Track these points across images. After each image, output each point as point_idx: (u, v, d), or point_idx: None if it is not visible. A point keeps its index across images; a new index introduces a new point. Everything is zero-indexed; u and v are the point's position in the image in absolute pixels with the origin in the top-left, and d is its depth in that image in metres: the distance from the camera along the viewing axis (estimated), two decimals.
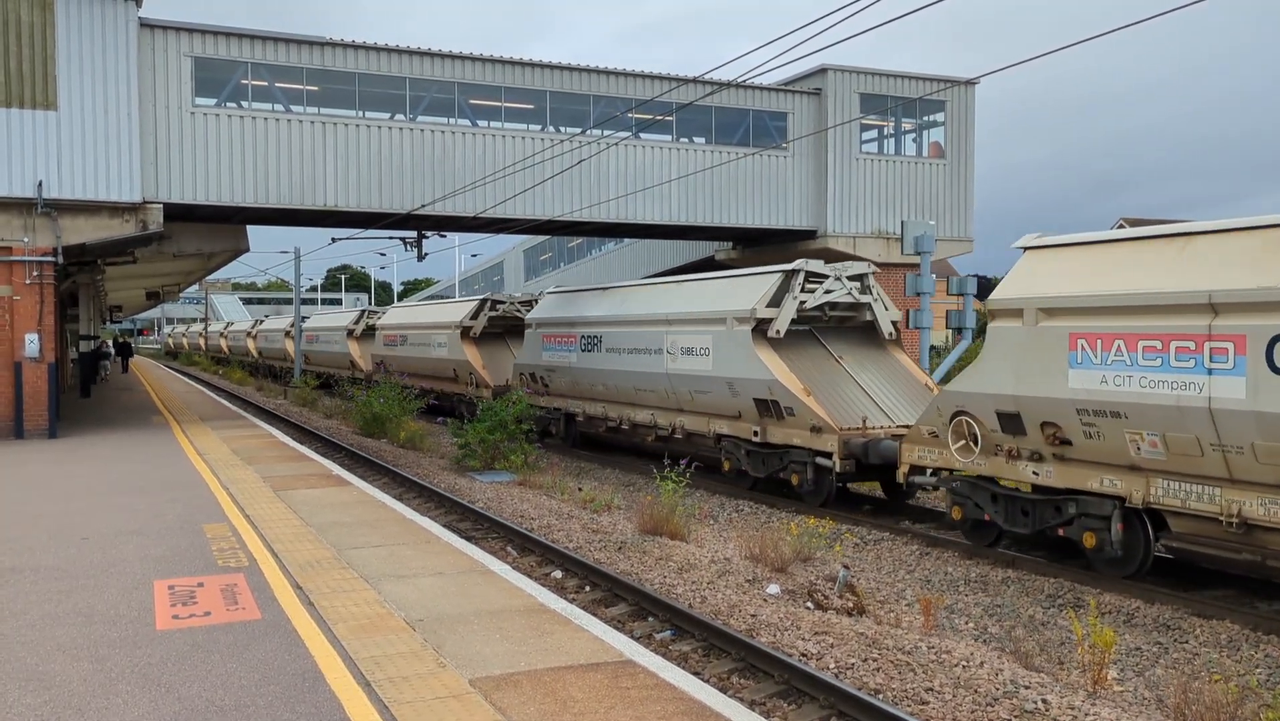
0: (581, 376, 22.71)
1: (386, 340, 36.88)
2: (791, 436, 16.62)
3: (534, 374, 24.59)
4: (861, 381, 17.59)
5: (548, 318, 24.56)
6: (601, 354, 21.75)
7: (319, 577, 8.65)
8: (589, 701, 5.74)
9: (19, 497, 13.03)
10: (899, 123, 29.26)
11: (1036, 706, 7.53)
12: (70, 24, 20.11)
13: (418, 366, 32.97)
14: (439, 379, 31.55)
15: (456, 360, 29.73)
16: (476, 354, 28.85)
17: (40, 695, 5.92)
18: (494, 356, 29.08)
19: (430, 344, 32.12)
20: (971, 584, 12.16)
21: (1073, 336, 11.40)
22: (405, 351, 34.47)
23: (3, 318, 20.26)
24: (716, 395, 18.19)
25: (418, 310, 36.71)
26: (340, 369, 43.96)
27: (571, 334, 23.09)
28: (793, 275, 17.57)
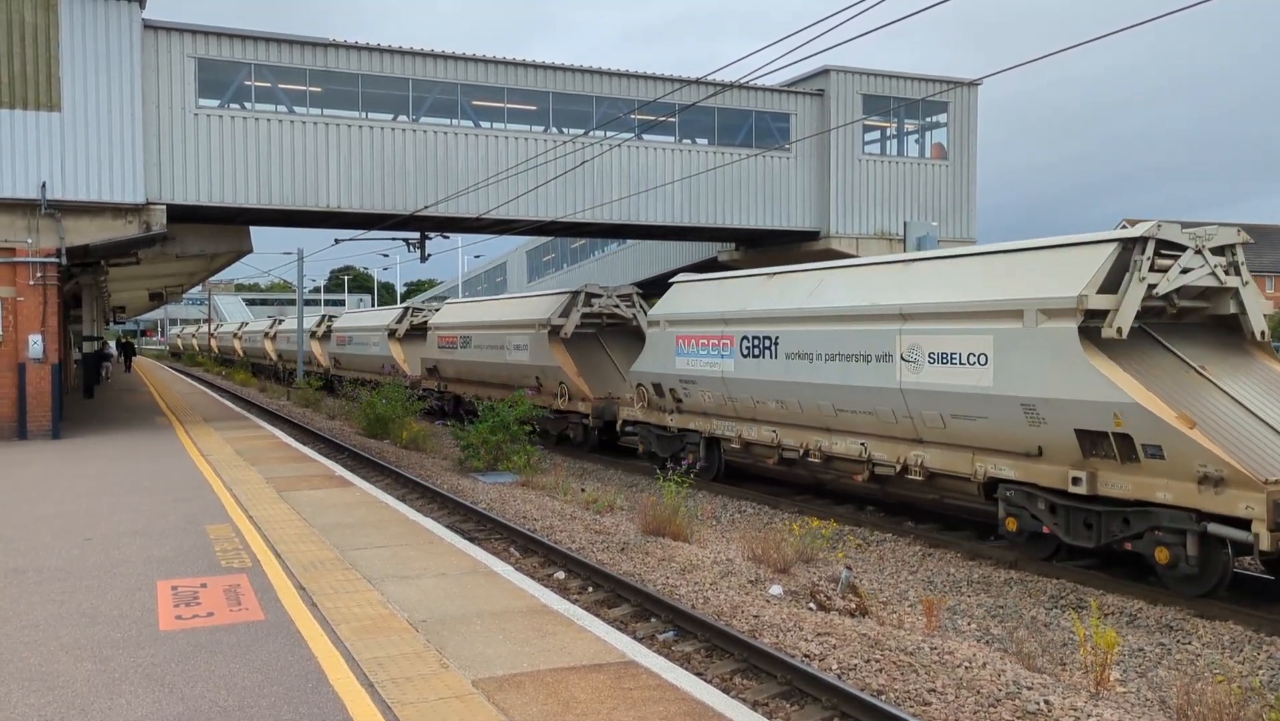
0: (741, 390, 17.30)
1: (442, 341, 31.55)
2: (1154, 490, 10.88)
3: (660, 385, 19.63)
4: (1248, 403, 11.64)
5: (687, 314, 19.00)
6: (777, 360, 16.38)
7: (322, 578, 8.67)
8: (591, 702, 5.75)
9: (22, 498, 13.05)
10: (902, 124, 29.25)
11: (1039, 707, 7.53)
12: (74, 25, 20.15)
13: (486, 373, 28.12)
14: (510, 388, 25.30)
15: (543, 365, 24.71)
16: (569, 359, 23.91)
17: (44, 695, 5.93)
18: (589, 361, 24.26)
19: (505, 346, 26.83)
20: (974, 585, 12.15)
21: None
22: (468, 356, 29.24)
23: (6, 318, 20.30)
24: (997, 421, 12.44)
25: (483, 307, 30.33)
26: (378, 374, 37.95)
27: (725, 334, 17.79)
28: (1137, 244, 11.64)
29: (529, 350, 25.18)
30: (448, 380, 31.69)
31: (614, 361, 24.25)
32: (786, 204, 27.36)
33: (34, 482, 14.49)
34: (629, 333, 24.83)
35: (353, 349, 42.27)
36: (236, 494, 13.25)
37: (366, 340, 40.45)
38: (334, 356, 45.34)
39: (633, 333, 24.55)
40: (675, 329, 19.25)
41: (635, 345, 23.34)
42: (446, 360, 31.21)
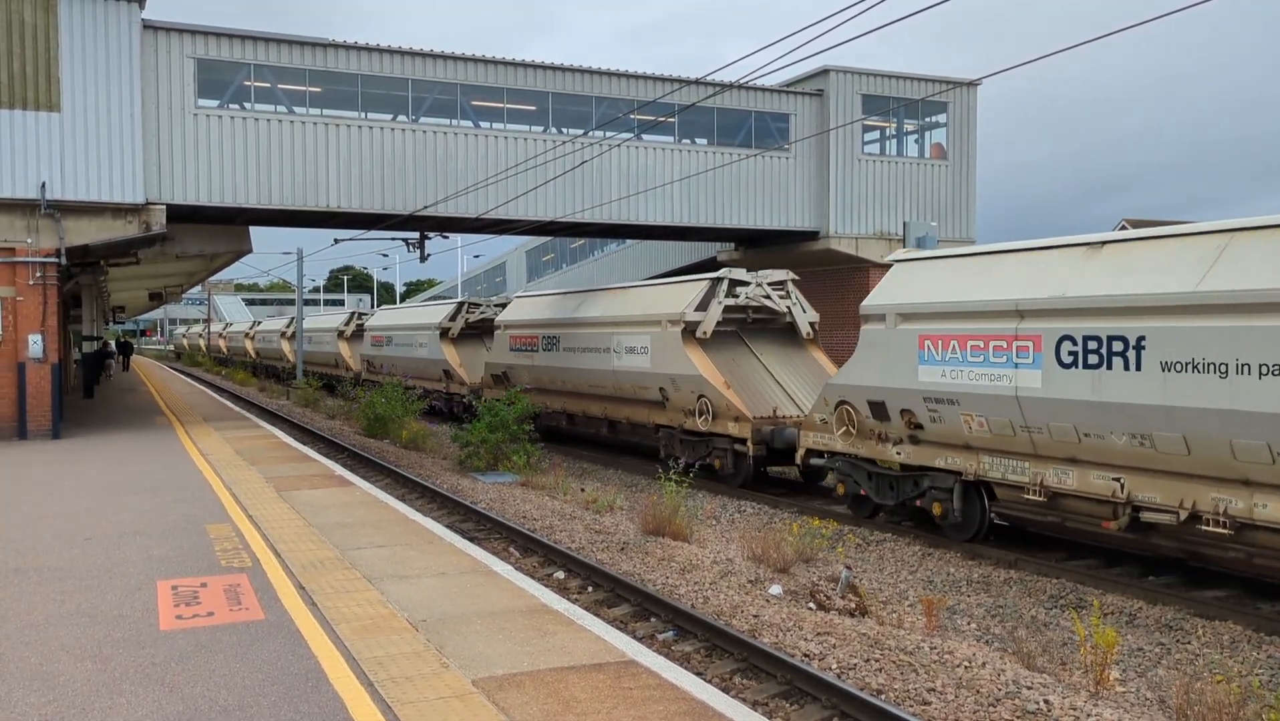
0: (1055, 415, 11.92)
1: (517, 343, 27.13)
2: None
3: (883, 405, 14.32)
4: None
5: (941, 304, 13.48)
6: (1140, 373, 10.94)
7: (322, 578, 8.67)
8: (591, 701, 5.75)
9: (23, 498, 13.06)
10: (901, 124, 29.26)
11: (1039, 707, 7.54)
12: (73, 25, 20.15)
13: (583, 383, 24.37)
14: (622, 401, 22.81)
15: (674, 374, 20.84)
16: (711, 365, 19.61)
17: (44, 695, 5.94)
18: (736, 369, 19.91)
19: (615, 349, 22.98)
20: (974, 584, 12.16)
21: None
22: (556, 361, 25.32)
23: (6, 318, 20.30)
24: None
25: (577, 300, 25.56)
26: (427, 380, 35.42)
27: (1021, 334, 12.27)
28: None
29: (652, 354, 20.34)
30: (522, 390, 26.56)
31: (768, 368, 19.89)
32: (786, 204, 27.36)
33: (34, 482, 14.50)
34: (780, 331, 20.52)
35: (393, 351, 36.44)
36: (236, 493, 13.26)
37: (411, 341, 34.64)
38: (368, 359, 39.54)
39: (784, 330, 20.47)
40: (917, 325, 13.76)
41: (790, 346, 20.30)
42: (523, 365, 25.81)
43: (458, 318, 32.13)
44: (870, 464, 15.00)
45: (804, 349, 20.41)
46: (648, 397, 20.80)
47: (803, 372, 19.87)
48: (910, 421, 13.92)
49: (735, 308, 19.87)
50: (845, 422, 15.23)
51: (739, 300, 19.82)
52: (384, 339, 38.06)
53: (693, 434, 19.58)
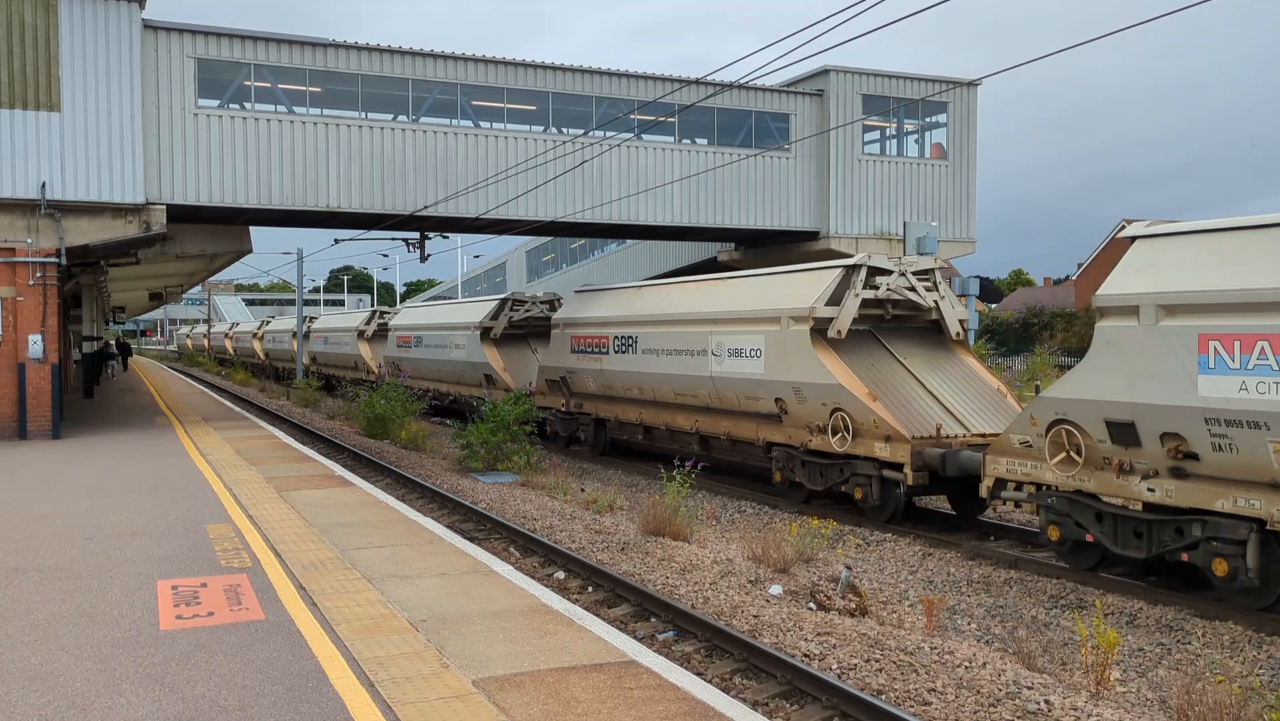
0: None
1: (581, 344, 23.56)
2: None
3: (1133, 426, 11.04)
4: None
5: (1234, 292, 10.07)
6: None
7: (322, 578, 8.67)
8: (592, 702, 5.75)
9: (23, 498, 13.05)
10: (901, 124, 29.26)
11: (1039, 707, 7.53)
12: (73, 25, 20.15)
13: (666, 389, 20.38)
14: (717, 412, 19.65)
15: (798, 382, 17.58)
16: (849, 372, 16.14)
17: (44, 695, 5.93)
18: (878, 375, 16.55)
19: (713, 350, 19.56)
20: (974, 585, 12.15)
21: None
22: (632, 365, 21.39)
23: (6, 319, 20.30)
24: None
25: (660, 294, 21.81)
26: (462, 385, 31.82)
27: None
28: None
29: (767, 358, 16.87)
30: (585, 397, 23.09)
31: (916, 376, 16.26)
32: (786, 204, 27.36)
33: (34, 482, 14.49)
34: (922, 330, 17.10)
35: (423, 353, 33.26)
36: (236, 494, 13.25)
37: (445, 342, 31.16)
38: (393, 362, 36.12)
39: (928, 330, 17.09)
40: (1195, 321, 10.36)
41: (937, 349, 16.85)
42: (588, 370, 22.61)
43: (501, 316, 28.39)
44: (1099, 501, 11.58)
45: (953, 352, 16.93)
46: (758, 410, 17.18)
47: (958, 382, 16.30)
48: (1177, 450, 10.51)
49: (872, 302, 16.34)
50: (1064, 448, 11.83)
51: (878, 293, 16.20)
52: (411, 339, 34.39)
53: (821, 455, 16.01)
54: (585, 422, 23.20)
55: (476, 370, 28.73)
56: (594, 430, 23.07)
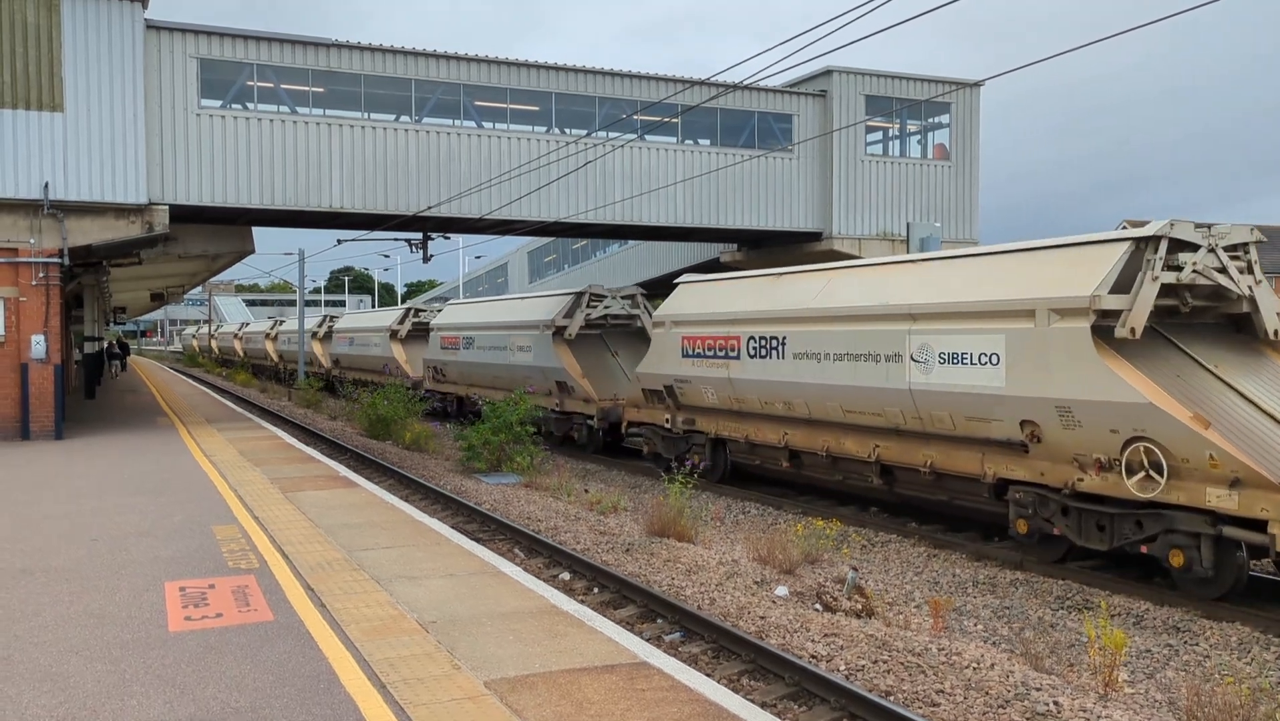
0: None
1: (699, 345, 19.02)
2: None
3: None
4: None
5: None
6: None
7: (330, 579, 8.66)
8: (605, 703, 5.74)
9: (27, 499, 13.04)
10: (904, 124, 29.27)
11: (1048, 708, 7.53)
12: (76, 25, 20.15)
13: (835, 404, 15.45)
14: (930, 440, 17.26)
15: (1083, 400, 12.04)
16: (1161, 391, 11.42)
17: (56, 696, 5.93)
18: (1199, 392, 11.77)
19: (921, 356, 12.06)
20: (980, 585, 12.15)
21: None
22: (785, 374, 16.66)
23: (9, 319, 20.29)
24: None
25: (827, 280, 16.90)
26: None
27: None
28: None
29: (1013, 364, 12.41)
30: (699, 411, 18.85)
31: (1238, 389, 11.51)
32: (789, 205, 27.36)
33: (38, 483, 14.48)
34: (1222, 326, 12.63)
35: (476, 356, 28.85)
36: (241, 495, 13.25)
37: (504, 343, 27.05)
38: (436, 366, 32.15)
39: (1224, 325, 12.64)
40: None
41: (1245, 350, 12.24)
42: (707, 378, 18.17)
43: (576, 313, 24.38)
44: None
45: (1268, 357, 12.30)
46: (988, 436, 12.89)
47: None
48: None
49: (1171, 288, 11.63)
50: None
51: (1182, 275, 11.52)
52: (459, 340, 30.22)
53: (1102, 501, 11.69)
54: (699, 443, 19.05)
55: (546, 376, 24.76)
56: (711, 452, 18.87)
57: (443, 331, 32.19)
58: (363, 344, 40.80)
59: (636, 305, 24.97)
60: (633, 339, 24.95)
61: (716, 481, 18.70)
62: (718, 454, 18.86)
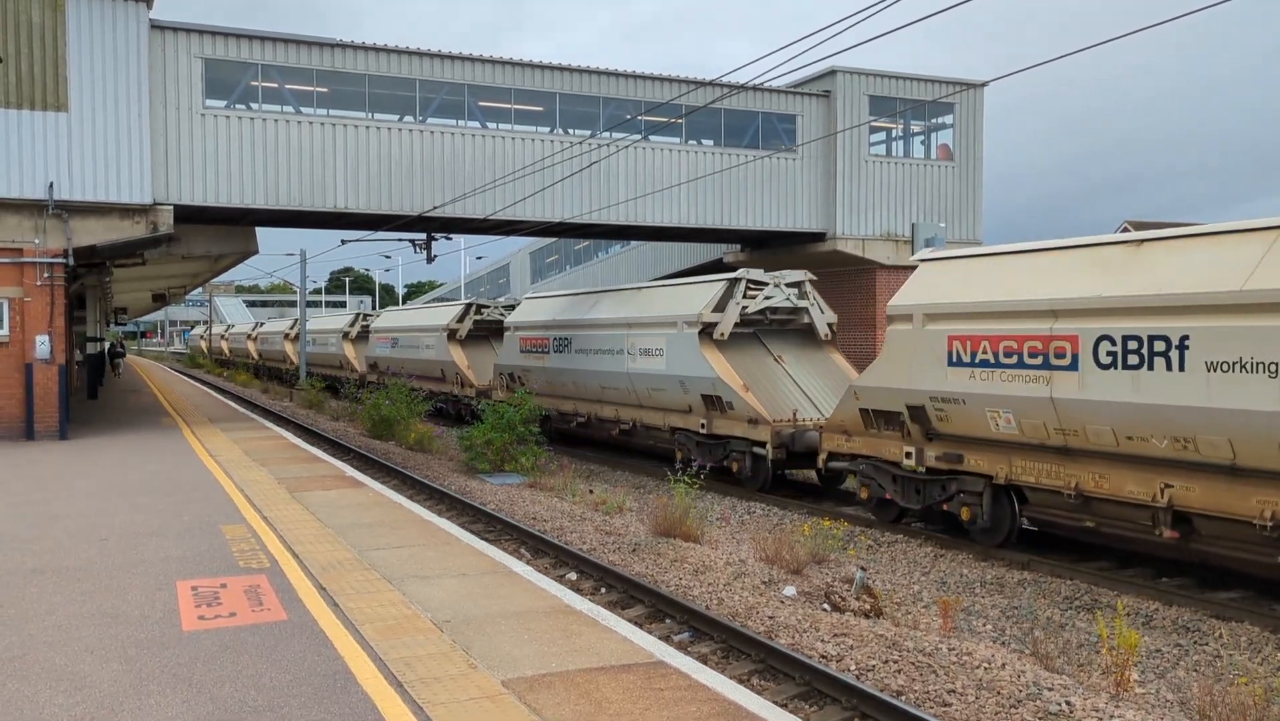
0: None
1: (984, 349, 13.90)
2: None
3: None
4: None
5: None
6: None
7: (342, 578, 8.66)
8: (624, 702, 5.74)
9: (36, 499, 13.05)
10: (908, 125, 29.28)
11: (1061, 708, 7.53)
12: (81, 25, 20.15)
13: None
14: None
15: None
16: None
17: (72, 695, 5.93)
18: None
19: None
20: (988, 585, 12.16)
21: None
22: None
23: (14, 319, 20.29)
24: None
25: None
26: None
27: None
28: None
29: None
30: (978, 444, 13.45)
31: None
32: (793, 205, 27.38)
33: (45, 483, 14.48)
34: None
35: (570, 362, 23.82)
36: (249, 494, 13.25)
37: (616, 345, 21.94)
38: (511, 373, 26.76)
39: None
40: None
41: None
42: (1011, 399, 12.68)
43: (729, 305, 19.19)
44: None
45: None
46: None
47: None
48: None
49: None
50: None
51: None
52: (546, 342, 24.96)
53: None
54: (970, 490, 13.76)
55: (686, 389, 20.28)
56: (991, 504, 13.49)
57: (522, 332, 26.82)
58: (408, 346, 34.86)
59: (804, 295, 19.84)
60: (799, 339, 20.11)
61: (996, 546, 13.37)
62: (1000, 507, 13.33)
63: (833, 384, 18.92)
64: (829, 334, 19.99)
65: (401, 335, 35.96)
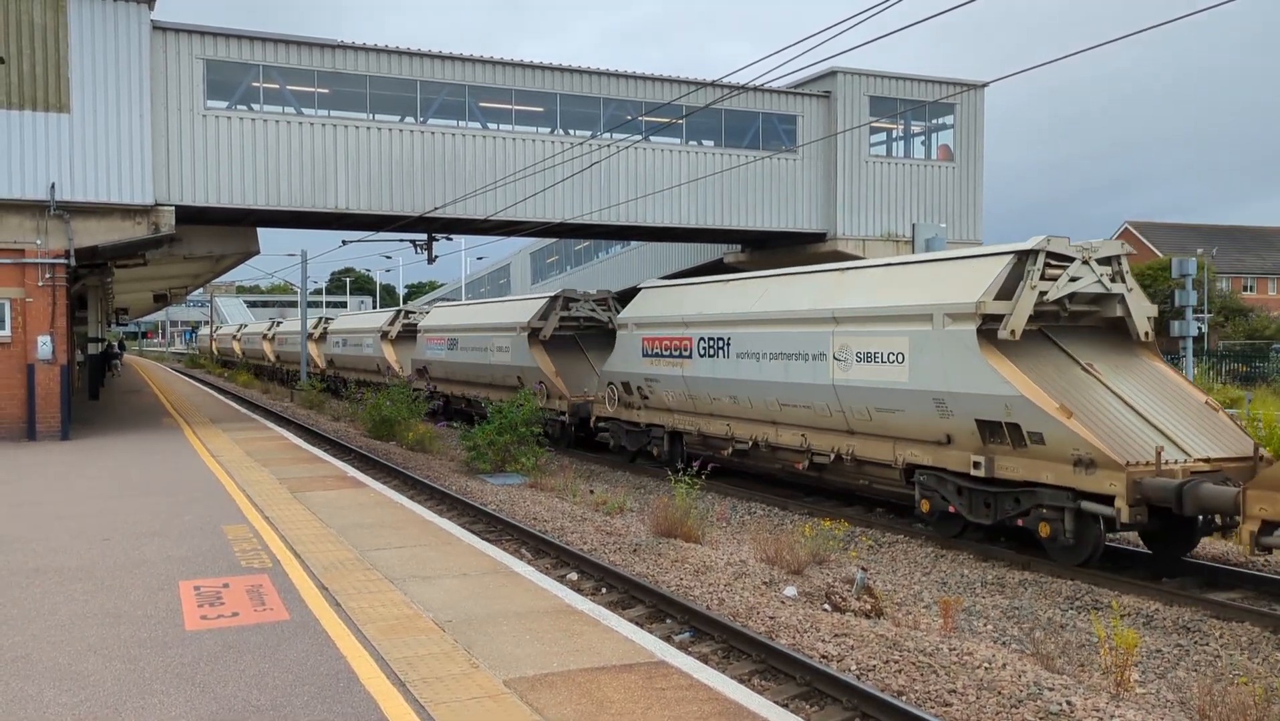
0: None
1: None
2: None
3: None
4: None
5: None
6: None
7: (344, 578, 8.68)
8: (625, 702, 5.76)
9: (37, 499, 13.07)
10: (908, 125, 29.30)
11: (1061, 708, 7.55)
12: (83, 26, 20.18)
13: None
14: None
15: None
16: None
17: (76, 694, 5.95)
18: None
19: None
20: (988, 586, 12.16)
21: None
22: None
23: (15, 320, 20.32)
24: None
25: None
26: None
27: None
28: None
29: None
30: None
31: None
32: (793, 205, 27.40)
33: (47, 483, 14.51)
34: None
35: (719, 369, 18.42)
36: (250, 495, 13.27)
37: (826, 345, 15.88)
38: (633, 383, 21.07)
39: None
40: None
41: None
42: None
43: (1021, 289, 13.07)
44: None
45: None
46: None
47: None
48: None
49: None
50: None
51: None
52: (687, 343, 19.37)
53: None
54: None
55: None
56: None
57: (646, 330, 20.89)
58: (471, 348, 30.73)
59: (1119, 276, 13.68)
60: (1108, 339, 14.04)
61: None
62: None
63: (1177, 406, 12.99)
64: (1149, 332, 13.85)
65: (462, 335, 29.80)
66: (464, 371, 21.91)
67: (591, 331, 25.37)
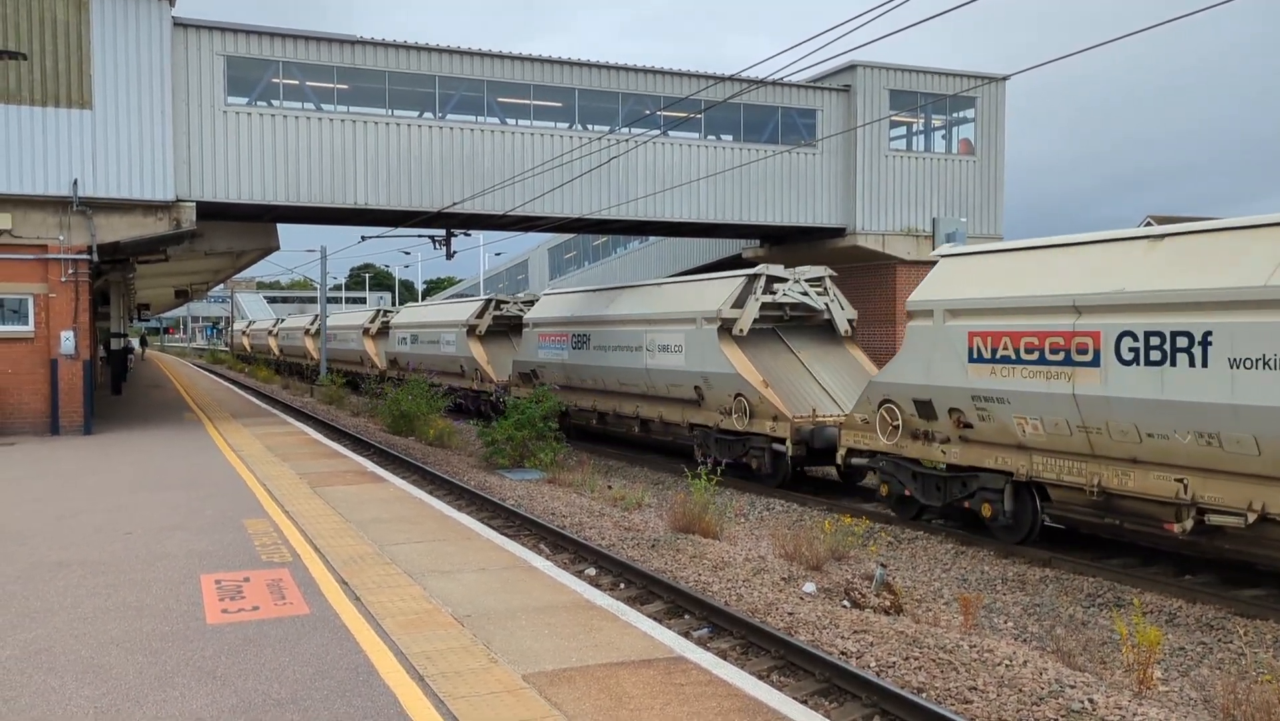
0: None
1: None
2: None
3: None
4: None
5: None
6: None
7: (363, 573, 8.71)
8: (644, 697, 5.76)
9: (60, 494, 13.18)
10: (929, 119, 29.12)
11: (1083, 706, 7.49)
12: (105, 23, 20.30)
13: None
14: None
15: None
16: None
17: (98, 687, 5.99)
18: None
19: None
20: (1009, 583, 12.10)
21: None
22: None
23: (39, 315, 20.48)
24: None
25: None
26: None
27: None
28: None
29: None
30: None
31: None
32: (812, 200, 27.28)
33: (70, 478, 14.63)
34: None
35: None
36: (271, 489, 13.34)
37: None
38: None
39: None
40: None
41: None
42: None
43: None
44: None
45: None
46: None
47: None
48: None
49: None
50: None
51: None
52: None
53: None
54: None
55: None
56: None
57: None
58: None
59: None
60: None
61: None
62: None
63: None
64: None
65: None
66: (613, 378, 20.93)
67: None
